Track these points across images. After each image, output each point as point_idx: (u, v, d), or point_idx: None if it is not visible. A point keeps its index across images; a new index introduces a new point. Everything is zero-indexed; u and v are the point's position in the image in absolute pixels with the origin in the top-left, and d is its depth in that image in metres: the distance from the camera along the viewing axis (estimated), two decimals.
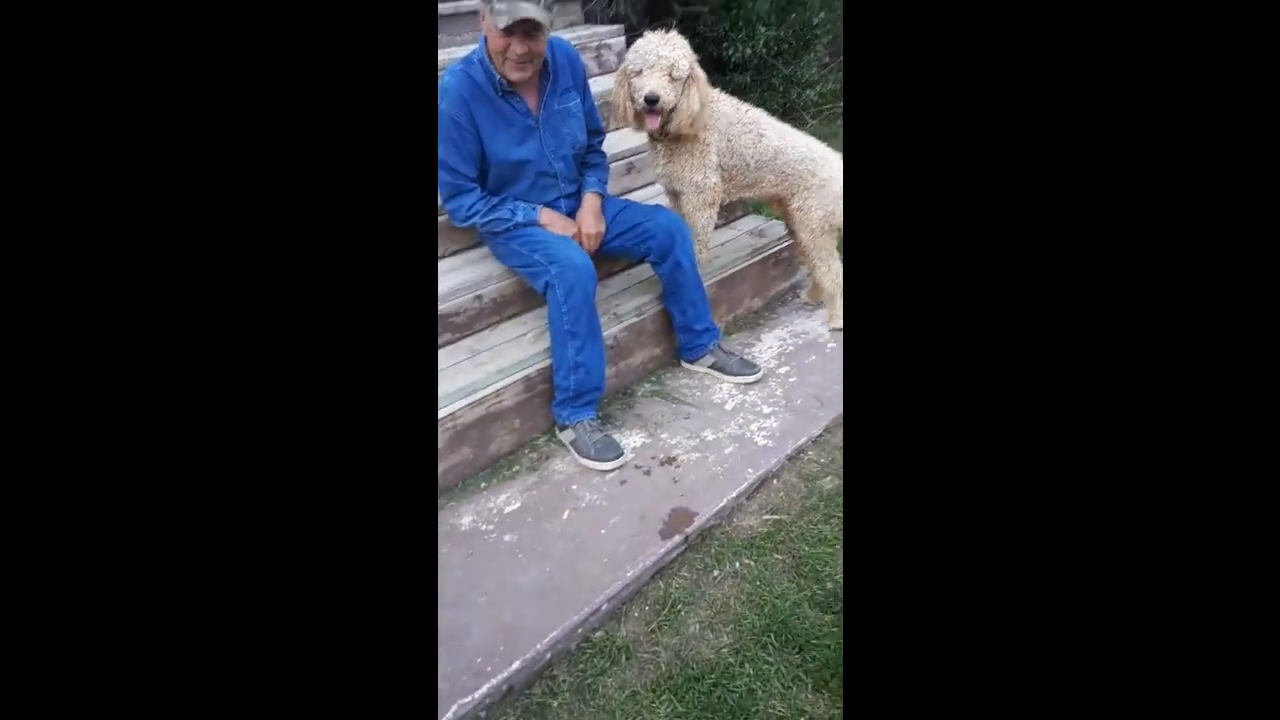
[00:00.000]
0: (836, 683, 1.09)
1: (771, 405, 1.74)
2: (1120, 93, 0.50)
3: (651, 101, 1.58)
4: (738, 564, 1.34)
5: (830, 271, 1.98)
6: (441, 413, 1.51)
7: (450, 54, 1.96)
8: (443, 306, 1.67)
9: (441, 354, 1.67)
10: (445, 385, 1.56)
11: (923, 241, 0.54)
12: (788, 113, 3.57)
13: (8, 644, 0.48)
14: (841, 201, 1.90)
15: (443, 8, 2.28)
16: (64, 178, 0.49)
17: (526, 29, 1.44)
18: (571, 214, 1.75)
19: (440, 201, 1.65)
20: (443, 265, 1.81)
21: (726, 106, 1.77)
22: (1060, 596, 0.50)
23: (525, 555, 1.36)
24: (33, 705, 0.47)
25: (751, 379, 1.83)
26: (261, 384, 0.52)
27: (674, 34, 1.62)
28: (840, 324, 2.02)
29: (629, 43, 2.74)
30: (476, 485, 1.57)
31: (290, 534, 0.52)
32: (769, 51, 3.12)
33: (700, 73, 1.65)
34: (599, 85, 2.35)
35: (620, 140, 2.12)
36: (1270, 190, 0.48)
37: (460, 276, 1.76)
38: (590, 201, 1.73)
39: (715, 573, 1.33)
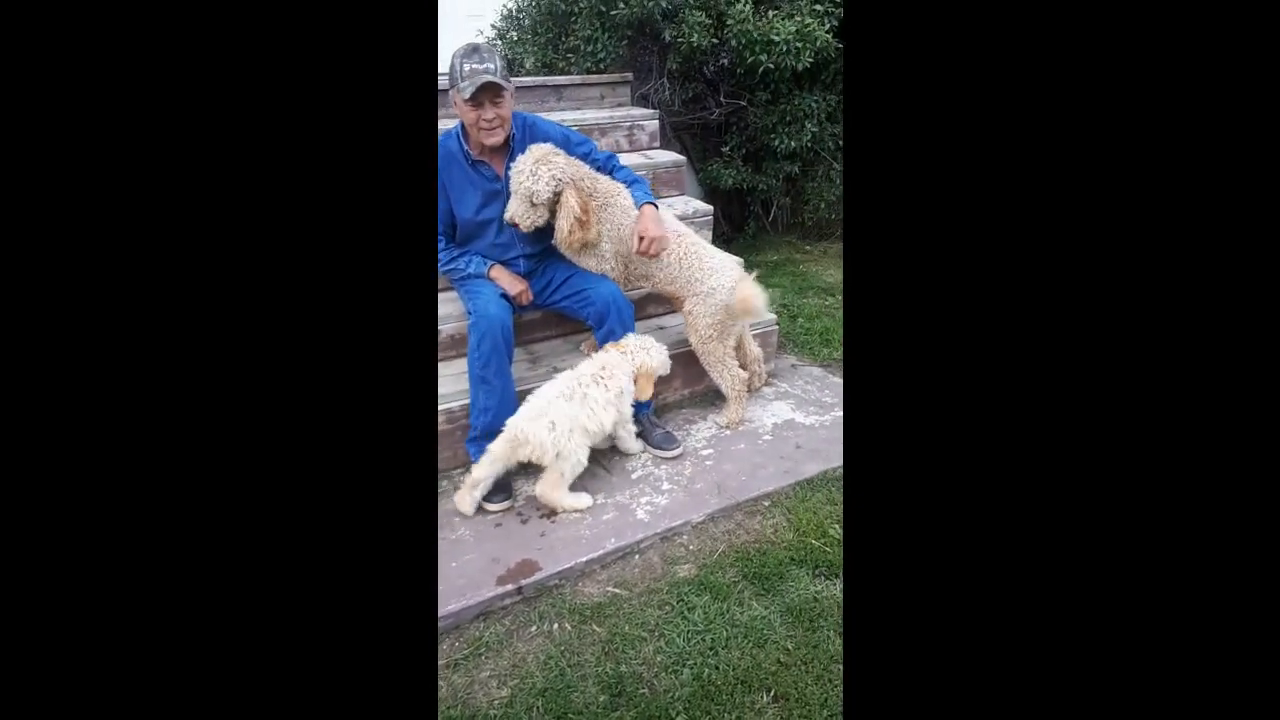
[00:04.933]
0: None
1: (672, 483, 1.75)
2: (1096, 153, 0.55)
3: (513, 225, 1.76)
4: (555, 626, 1.36)
5: (724, 377, 1.97)
6: None
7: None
8: None
9: None
10: None
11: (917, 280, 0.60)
12: (839, 206, 3.57)
13: (9, 643, 0.48)
14: (739, 320, 1.91)
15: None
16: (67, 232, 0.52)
17: (491, 94, 1.65)
18: (529, 274, 1.92)
19: None
20: None
21: (624, 200, 1.85)
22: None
23: None
24: (36, 703, 0.48)
25: (669, 454, 1.85)
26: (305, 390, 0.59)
27: (547, 152, 1.73)
28: (725, 422, 1.99)
29: (662, 128, 2.95)
30: None
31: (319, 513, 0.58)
32: (821, 146, 3.18)
33: (571, 201, 1.72)
34: (629, 160, 2.54)
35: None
36: (1266, 190, 0.50)
37: None
38: (647, 211, 1.82)
39: (532, 628, 1.36)
